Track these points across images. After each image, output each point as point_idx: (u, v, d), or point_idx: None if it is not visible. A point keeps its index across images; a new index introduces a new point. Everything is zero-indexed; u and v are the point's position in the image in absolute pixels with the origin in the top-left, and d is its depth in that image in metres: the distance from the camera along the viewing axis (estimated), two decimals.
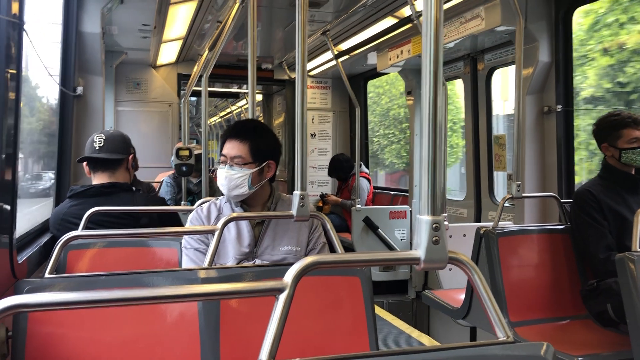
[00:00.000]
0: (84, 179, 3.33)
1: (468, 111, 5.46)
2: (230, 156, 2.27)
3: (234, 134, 2.31)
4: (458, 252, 1.11)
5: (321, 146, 8.21)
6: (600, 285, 2.98)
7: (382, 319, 3.98)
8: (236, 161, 2.27)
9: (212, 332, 1.77)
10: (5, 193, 1.88)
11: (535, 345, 1.07)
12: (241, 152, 2.27)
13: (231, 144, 2.29)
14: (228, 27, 3.46)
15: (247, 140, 2.28)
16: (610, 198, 3.08)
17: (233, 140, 2.29)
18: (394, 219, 5.81)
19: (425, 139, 1.09)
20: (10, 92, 1.92)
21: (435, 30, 1.07)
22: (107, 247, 2.59)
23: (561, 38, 4.13)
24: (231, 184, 2.25)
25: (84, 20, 3.83)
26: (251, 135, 2.30)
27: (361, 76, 7.82)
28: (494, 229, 3.18)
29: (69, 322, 1.71)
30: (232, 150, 2.28)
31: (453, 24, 4.49)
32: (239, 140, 2.28)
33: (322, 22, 5.51)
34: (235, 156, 2.27)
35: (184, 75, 7.62)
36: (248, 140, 2.28)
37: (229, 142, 2.30)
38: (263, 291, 1.01)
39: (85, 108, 3.94)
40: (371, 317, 1.94)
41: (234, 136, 2.30)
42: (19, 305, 0.92)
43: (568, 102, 4.19)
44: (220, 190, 2.32)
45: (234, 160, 2.27)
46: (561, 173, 4.17)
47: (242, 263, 2.25)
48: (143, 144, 6.79)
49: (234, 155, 2.27)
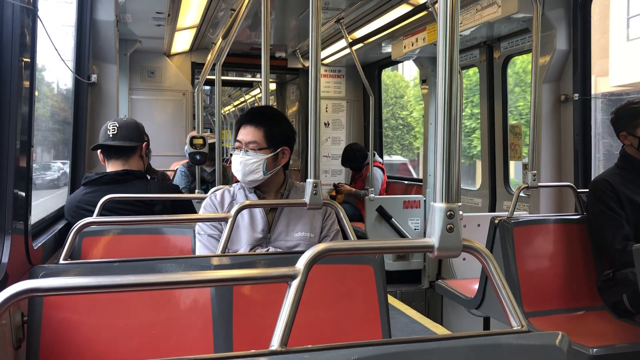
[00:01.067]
0: (99, 167, 3.35)
1: (483, 100, 5.41)
2: (245, 142, 2.28)
3: (249, 120, 2.31)
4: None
5: (335, 135, 8.19)
6: (617, 275, 2.95)
7: (395, 308, 3.98)
8: (251, 146, 2.27)
9: (225, 319, 1.77)
10: (20, 180, 1.90)
11: (550, 334, 1.05)
12: (256, 138, 2.27)
13: (246, 129, 2.30)
14: (242, 15, 3.44)
15: (261, 126, 2.29)
16: (627, 187, 3.04)
17: (248, 125, 2.30)
18: (407, 209, 5.79)
19: (440, 126, 1.08)
20: (25, 81, 1.92)
21: (451, 17, 1.05)
22: (121, 234, 2.60)
23: (579, 25, 4.06)
24: (246, 169, 2.26)
25: (98, 8, 3.83)
26: (266, 121, 2.31)
27: (375, 64, 7.77)
28: (509, 218, 3.15)
29: (83, 307, 1.73)
30: (247, 136, 2.28)
31: (469, 11, 4.43)
32: (254, 126, 2.29)
33: (336, 9, 5.47)
34: (251, 141, 2.27)
35: (197, 63, 7.62)
36: (263, 126, 2.29)
37: (244, 127, 2.30)
38: (275, 277, 1.01)
39: (100, 96, 3.95)
40: (384, 306, 1.93)
41: (249, 122, 2.30)
42: (34, 289, 0.93)
43: (585, 90, 4.12)
44: (235, 176, 2.32)
45: (248, 146, 2.27)
46: (577, 162, 4.12)
47: (255, 249, 2.25)
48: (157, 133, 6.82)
49: (249, 140, 2.28)
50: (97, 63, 3.95)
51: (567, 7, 4.08)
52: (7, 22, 1.83)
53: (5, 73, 1.83)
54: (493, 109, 5.30)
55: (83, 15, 3.74)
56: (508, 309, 1.07)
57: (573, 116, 4.13)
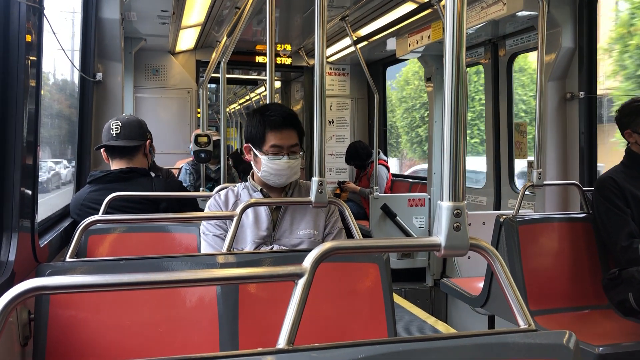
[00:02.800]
0: (104, 164, 3.36)
1: (488, 98, 5.39)
2: (288, 145, 2.26)
3: (288, 123, 2.28)
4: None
5: (339, 133, 8.18)
6: (622, 274, 2.94)
7: (400, 306, 3.98)
8: (293, 149, 2.28)
9: (231, 317, 1.78)
10: (27, 179, 1.90)
11: (557, 333, 1.05)
12: (296, 140, 2.29)
13: (285, 133, 2.27)
14: (246, 13, 3.45)
15: (295, 128, 2.30)
16: (633, 185, 3.03)
17: (286, 129, 2.27)
18: (412, 207, 5.78)
19: (447, 124, 1.07)
20: (31, 79, 1.92)
21: (458, 14, 1.05)
22: (126, 232, 2.61)
23: (585, 23, 4.05)
24: (292, 172, 2.28)
25: (103, 7, 3.84)
26: (297, 122, 2.33)
27: (380, 62, 7.75)
28: (514, 216, 3.15)
29: (89, 305, 1.73)
30: (290, 140, 2.27)
31: (474, 9, 4.42)
32: (292, 128, 2.29)
33: (341, 7, 5.46)
34: (293, 145, 2.28)
35: (202, 62, 7.63)
36: (296, 127, 2.30)
37: (282, 131, 2.26)
38: (282, 276, 1.00)
39: (105, 94, 3.96)
40: (389, 304, 1.93)
41: (288, 125, 2.28)
42: (40, 287, 0.93)
43: (591, 88, 4.11)
44: (272, 180, 2.30)
45: (291, 149, 2.27)
46: (583, 160, 4.10)
47: (260, 247, 2.25)
48: (162, 131, 6.84)
49: (292, 144, 2.28)
50: (102, 61, 3.96)
51: (573, 4, 4.06)
52: (14, 20, 1.83)
53: (11, 71, 1.83)
54: (498, 107, 5.28)
55: (88, 13, 3.75)
56: (515, 308, 1.07)
57: (579, 114, 4.12)
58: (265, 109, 2.34)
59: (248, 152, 2.36)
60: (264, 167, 2.28)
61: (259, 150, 2.28)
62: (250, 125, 2.32)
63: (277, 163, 2.25)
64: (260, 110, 2.34)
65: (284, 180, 2.30)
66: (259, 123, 2.28)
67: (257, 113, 2.33)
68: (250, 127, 2.32)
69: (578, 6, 4.06)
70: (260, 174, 2.32)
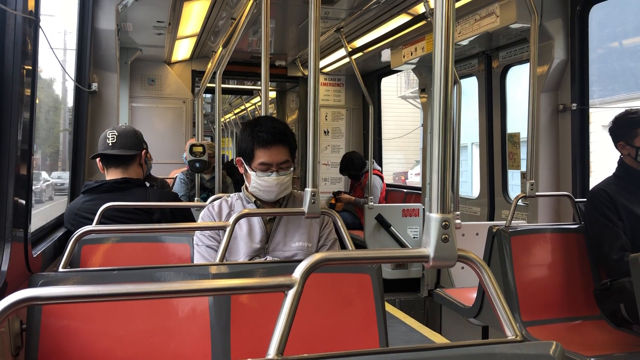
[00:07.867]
0: (98, 174, 3.36)
1: (482, 109, 5.43)
2: (278, 162, 2.23)
3: (278, 139, 2.23)
4: (468, 250, 1.10)
5: (334, 143, 8.21)
6: (614, 285, 2.95)
7: (393, 316, 3.97)
8: (283, 166, 2.24)
9: (222, 327, 1.78)
10: (21, 188, 1.91)
11: (544, 344, 1.06)
12: (287, 156, 2.26)
13: (274, 149, 2.22)
14: (242, 24, 3.47)
15: (286, 143, 2.26)
16: (625, 197, 3.05)
17: (275, 146, 2.22)
18: (406, 217, 5.79)
19: (435, 136, 1.08)
20: (26, 89, 1.93)
21: (446, 27, 1.06)
22: (120, 242, 2.61)
23: (577, 35, 4.09)
24: (281, 189, 2.25)
25: (99, 17, 3.85)
26: (288, 137, 2.27)
27: (375, 73, 7.80)
28: (506, 227, 3.16)
29: (82, 315, 1.73)
30: (279, 156, 2.23)
31: (467, 21, 4.46)
32: (282, 144, 2.24)
33: (336, 19, 5.50)
34: (284, 161, 2.24)
35: (198, 72, 7.66)
36: (287, 143, 2.26)
37: (272, 148, 2.22)
38: (272, 287, 1.01)
39: (100, 104, 3.97)
40: (381, 314, 1.94)
41: (278, 141, 2.23)
42: (32, 297, 0.93)
43: (583, 100, 4.15)
44: (262, 196, 2.29)
45: (280, 166, 2.24)
46: (575, 172, 4.13)
47: (254, 259, 2.25)
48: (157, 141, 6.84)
49: (282, 160, 2.24)
50: (97, 72, 3.97)
51: (565, 17, 4.11)
52: (10, 32, 1.85)
53: (6, 81, 1.85)
54: (491, 118, 5.31)
55: (84, 24, 3.77)
56: (503, 319, 1.08)
57: (571, 126, 4.15)
58: (255, 124, 2.29)
59: (240, 166, 2.35)
60: (253, 184, 2.27)
61: (248, 166, 2.27)
62: (241, 140, 2.30)
63: (266, 180, 2.23)
64: (251, 125, 2.30)
65: (274, 196, 2.27)
66: (248, 138, 2.24)
67: (248, 127, 2.29)
68: (241, 141, 2.30)
69: (570, 19, 4.11)
70: (251, 189, 2.31)
